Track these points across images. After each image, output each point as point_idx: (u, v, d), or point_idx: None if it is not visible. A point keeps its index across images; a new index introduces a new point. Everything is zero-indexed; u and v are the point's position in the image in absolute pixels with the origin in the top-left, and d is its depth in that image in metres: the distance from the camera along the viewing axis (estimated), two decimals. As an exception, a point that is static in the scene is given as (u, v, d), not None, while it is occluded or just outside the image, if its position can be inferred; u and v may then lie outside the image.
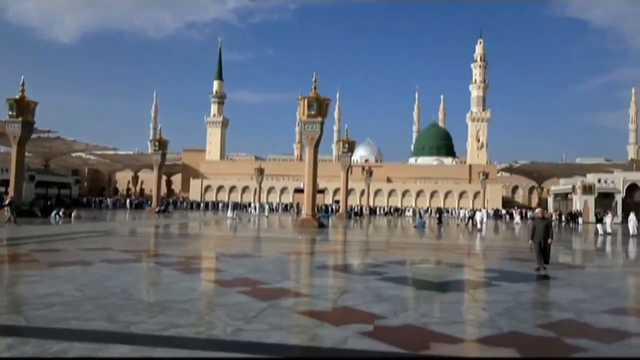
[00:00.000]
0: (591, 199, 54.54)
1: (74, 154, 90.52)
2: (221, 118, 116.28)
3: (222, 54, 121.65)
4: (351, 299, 8.12)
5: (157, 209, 49.22)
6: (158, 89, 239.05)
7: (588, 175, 58.97)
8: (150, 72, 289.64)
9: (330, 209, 62.93)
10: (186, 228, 28.64)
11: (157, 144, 51.73)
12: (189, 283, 9.24)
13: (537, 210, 13.28)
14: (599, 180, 55.83)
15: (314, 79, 29.67)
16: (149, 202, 63.24)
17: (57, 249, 14.50)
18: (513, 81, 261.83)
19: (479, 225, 31.53)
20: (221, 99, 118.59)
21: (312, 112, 29.06)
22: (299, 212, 54.03)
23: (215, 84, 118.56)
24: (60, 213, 33.32)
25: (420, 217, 42.22)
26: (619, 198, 54.31)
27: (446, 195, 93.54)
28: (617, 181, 55.44)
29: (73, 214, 32.88)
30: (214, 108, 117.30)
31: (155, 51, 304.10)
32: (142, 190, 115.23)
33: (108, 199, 72.05)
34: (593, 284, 10.10)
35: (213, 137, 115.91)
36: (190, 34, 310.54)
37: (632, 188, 55.00)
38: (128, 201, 69.10)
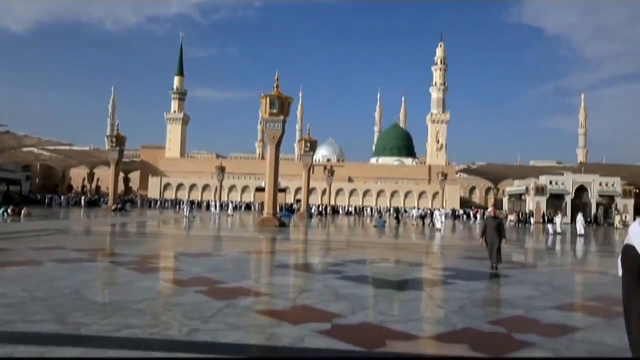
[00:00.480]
0: (543, 200, 56.73)
1: (24, 149, 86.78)
2: (182, 115, 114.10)
3: (184, 49, 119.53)
4: (310, 297, 8.15)
5: (113, 207, 47.85)
6: (116, 84, 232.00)
7: (541, 177, 61.29)
8: (108, 66, 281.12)
9: (292, 208, 62.83)
10: (143, 227, 27.97)
11: (114, 140, 50.28)
12: (144, 283, 9.02)
13: (490, 209, 13.66)
14: (551, 182, 58.15)
15: (276, 77, 29.56)
16: (105, 200, 61.38)
17: (3, 248, 13.88)
18: (471, 84, 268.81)
19: (438, 225, 32.20)
20: (182, 95, 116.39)
21: (274, 111, 28.94)
22: (261, 211, 53.68)
23: (176, 79, 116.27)
24: (9, 210, 31.91)
25: (380, 216, 42.76)
26: (568, 199, 56.69)
27: (406, 195, 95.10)
28: (567, 183, 57.90)
29: (23, 212, 31.54)
30: (174, 104, 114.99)
31: (114, 45, 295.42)
32: (98, 187, 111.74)
33: (61, 197, 69.42)
34: (543, 282, 10.51)
35: (173, 134, 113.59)
36: (152, 28, 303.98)
37: (580, 189, 57.58)
38: (82, 199, 66.82)
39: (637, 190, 64.91)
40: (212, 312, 6.85)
